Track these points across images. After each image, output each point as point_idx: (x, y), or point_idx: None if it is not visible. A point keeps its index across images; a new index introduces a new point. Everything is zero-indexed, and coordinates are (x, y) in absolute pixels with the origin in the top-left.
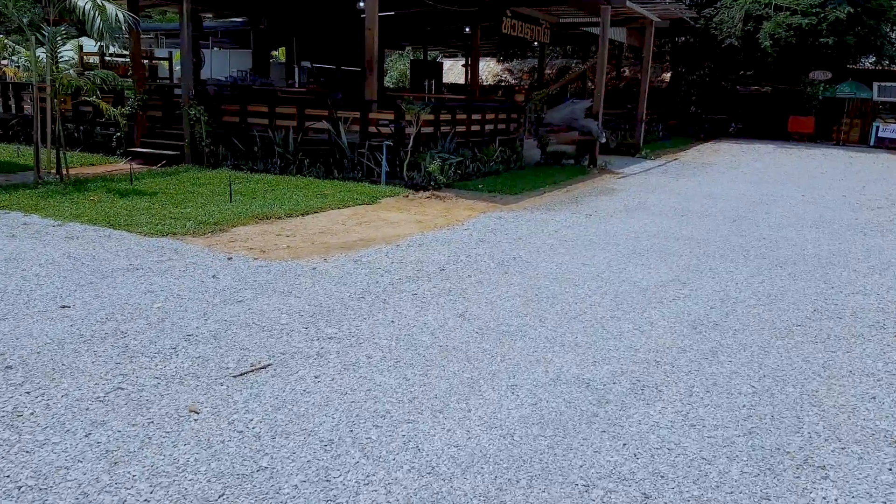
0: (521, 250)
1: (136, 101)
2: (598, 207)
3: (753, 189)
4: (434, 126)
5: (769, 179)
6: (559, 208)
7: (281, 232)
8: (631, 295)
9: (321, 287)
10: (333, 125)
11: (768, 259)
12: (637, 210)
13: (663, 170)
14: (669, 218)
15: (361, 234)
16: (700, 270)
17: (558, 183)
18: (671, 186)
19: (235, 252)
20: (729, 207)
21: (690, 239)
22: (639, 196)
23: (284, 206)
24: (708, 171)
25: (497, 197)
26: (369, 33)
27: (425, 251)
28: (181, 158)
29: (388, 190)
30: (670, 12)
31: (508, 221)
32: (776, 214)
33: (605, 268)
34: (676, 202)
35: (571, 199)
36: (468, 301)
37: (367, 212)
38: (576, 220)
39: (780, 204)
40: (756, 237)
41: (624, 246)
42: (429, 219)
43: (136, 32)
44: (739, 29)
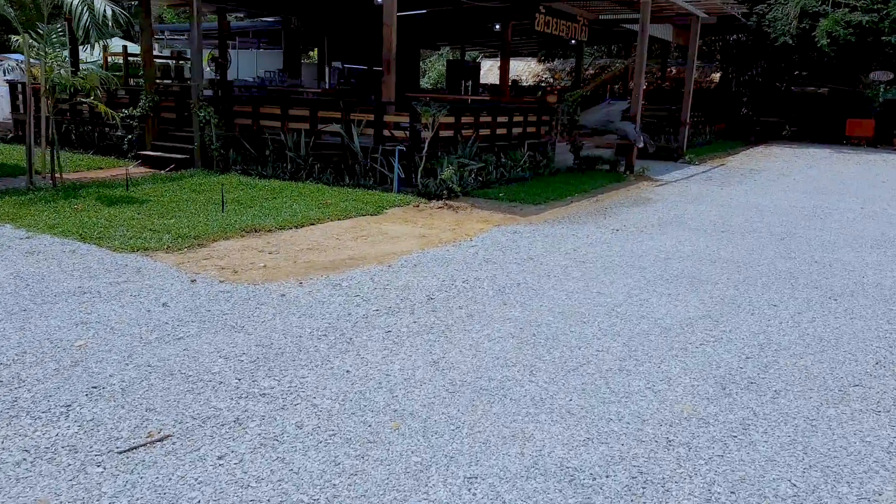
0: (529, 274)
1: (147, 102)
2: (627, 221)
3: (805, 200)
4: (454, 129)
5: (823, 189)
6: (583, 221)
7: (265, 247)
8: (649, 337)
9: (281, 320)
10: (346, 128)
11: (820, 289)
12: (671, 224)
13: (707, 177)
14: (707, 235)
15: (354, 250)
16: (737, 304)
17: (588, 191)
18: (713, 196)
19: (204, 272)
20: (777, 222)
21: (729, 262)
22: (676, 207)
23: (279, 216)
24: (756, 178)
25: (517, 207)
26: (387, 30)
27: (418, 273)
28: (190, 162)
29: (398, 199)
30: (718, 8)
31: (523, 237)
32: (831, 231)
33: (624, 299)
34: (717, 215)
35: (599, 210)
36: (449, 342)
37: (368, 224)
38: (600, 235)
39: (836, 218)
40: (806, 260)
41: (650, 270)
42: (435, 233)
43: (148, 31)
44: (794, 26)
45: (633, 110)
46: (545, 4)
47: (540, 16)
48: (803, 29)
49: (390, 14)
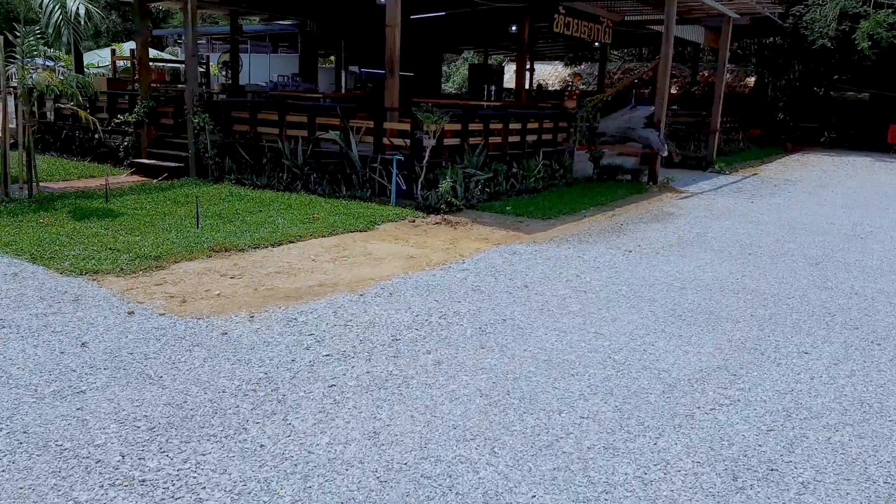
0: (520, 307)
1: (142, 108)
2: (643, 240)
3: (845, 216)
4: (461, 137)
5: (864, 202)
6: (594, 240)
7: (229, 270)
8: (648, 398)
9: (210, 368)
10: (344, 136)
11: (861, 330)
12: (693, 245)
13: (737, 188)
14: (732, 258)
15: (328, 275)
16: (761, 350)
17: (605, 204)
18: (742, 211)
19: (149, 301)
20: (812, 243)
21: (755, 293)
22: (699, 224)
23: (257, 233)
24: (791, 190)
25: (523, 223)
26: (390, 31)
27: (391, 305)
28: (185, 171)
29: (393, 212)
30: (751, 8)
31: (523, 259)
32: (873, 254)
33: (625, 342)
34: (745, 233)
35: (614, 226)
36: (402, 403)
37: (354, 242)
38: (609, 258)
39: (879, 238)
40: (845, 291)
41: (661, 303)
42: (426, 253)
43: (144, 34)
44: (833, 28)
45: (657, 117)
46: (565, 4)
47: (559, 16)
48: (843, 31)
49: (393, 14)
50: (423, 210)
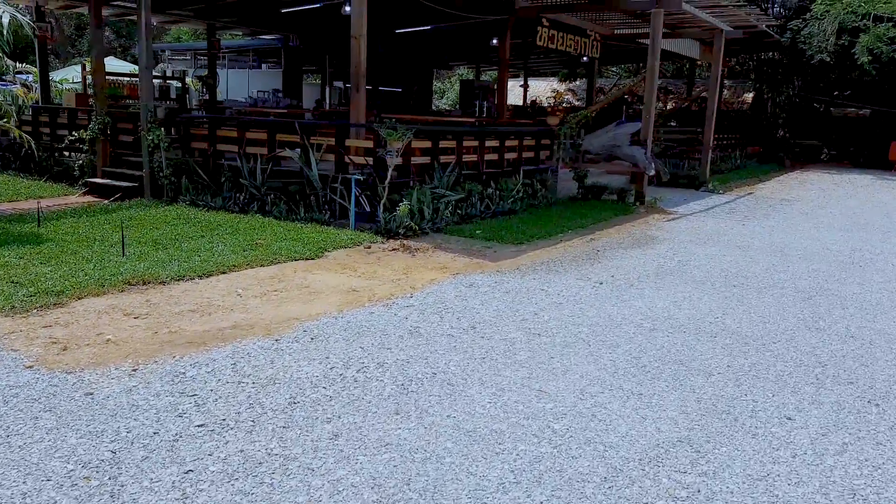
0: (460, 355)
1: (97, 124)
2: (619, 269)
3: (843, 239)
4: (432, 155)
5: (864, 224)
6: (565, 269)
7: (136, 309)
8: (584, 489)
9: (48, 444)
10: (304, 154)
11: (856, 386)
12: (672, 275)
13: (730, 209)
14: (714, 291)
15: (249, 313)
16: (734, 415)
17: (585, 227)
18: (732, 234)
19: (26, 348)
20: (805, 272)
21: (735, 336)
22: (683, 250)
23: (189, 262)
24: (786, 210)
25: (490, 248)
26: (355, 43)
27: (306, 354)
28: (139, 191)
29: (349, 237)
30: (744, 20)
31: (479, 292)
32: (872, 286)
33: (572, 404)
34: (732, 261)
35: (590, 253)
36: (268, 499)
37: (294, 272)
38: (577, 291)
39: (879, 266)
40: (839, 333)
41: (625, 349)
42: (372, 285)
43: (98, 46)
44: (832, 43)
45: (643, 134)
46: (549, 17)
47: (542, 29)
48: (842, 46)
49: (359, 25)
50: (382, 234)
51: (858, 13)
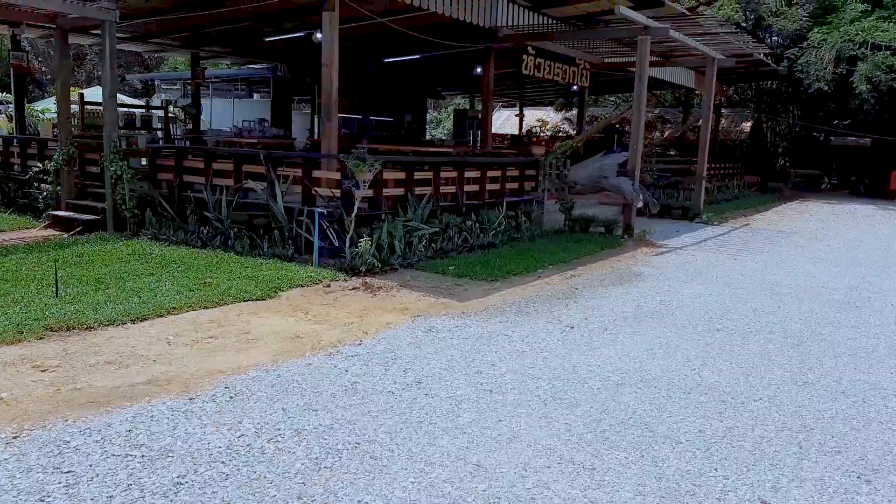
0: (393, 418)
1: (61, 154)
2: (595, 310)
3: (839, 276)
4: (406, 186)
5: (863, 259)
6: (536, 310)
7: (49, 360)
8: None
9: None
10: (270, 186)
11: (845, 456)
12: (653, 316)
13: (722, 241)
14: (695, 335)
15: (172, 365)
16: (699, 497)
17: (567, 261)
18: (722, 270)
19: None
20: (796, 314)
21: (712, 392)
22: (667, 288)
23: (126, 304)
24: (782, 243)
25: (462, 286)
26: (326, 71)
27: (218, 418)
28: (102, 224)
29: (309, 275)
30: (737, 48)
31: (437, 338)
32: (868, 330)
33: (511, 482)
34: (718, 301)
35: (567, 291)
36: None
37: (239, 316)
38: (544, 337)
39: (877, 307)
40: (830, 389)
41: (585, 409)
42: (320, 330)
43: (64, 72)
44: (829, 72)
45: (631, 164)
46: (534, 45)
47: (528, 57)
48: (840, 75)
49: (330, 53)
50: (347, 271)
51: (856, 41)
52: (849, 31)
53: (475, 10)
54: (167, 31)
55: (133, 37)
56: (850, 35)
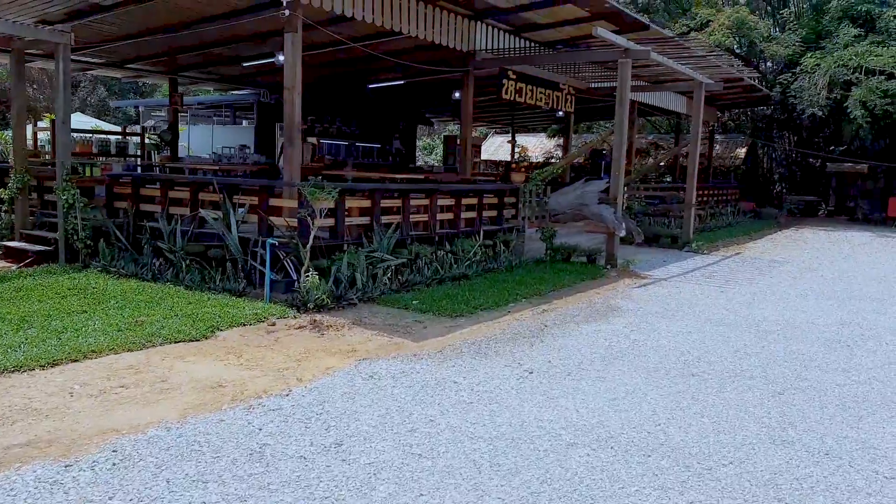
0: (295, 493)
1: (16, 183)
2: (562, 350)
3: (831, 310)
4: (371, 215)
5: (858, 291)
6: (497, 350)
7: None
8: None
9: None
10: (225, 215)
11: None
12: (623, 358)
13: (711, 272)
14: (667, 381)
15: (65, 421)
16: None
17: (543, 294)
18: (706, 304)
19: None
20: (781, 355)
21: (676, 453)
22: (645, 325)
23: (40, 347)
24: (773, 274)
25: (422, 323)
26: (288, 95)
27: (81, 494)
28: (54, 255)
29: (255, 312)
30: (725, 72)
31: (377, 386)
32: (860, 374)
33: None
34: (697, 341)
35: (536, 328)
36: None
37: (163, 360)
38: (499, 384)
39: (870, 345)
40: (812, 449)
41: (523, 478)
42: (247, 377)
43: (20, 101)
44: (823, 97)
45: (613, 191)
46: (515, 69)
47: (509, 82)
48: (834, 100)
49: (292, 76)
50: (299, 307)
51: (850, 66)
52: (842, 56)
53: (452, 33)
54: (143, 56)
55: (108, 62)
56: (844, 60)
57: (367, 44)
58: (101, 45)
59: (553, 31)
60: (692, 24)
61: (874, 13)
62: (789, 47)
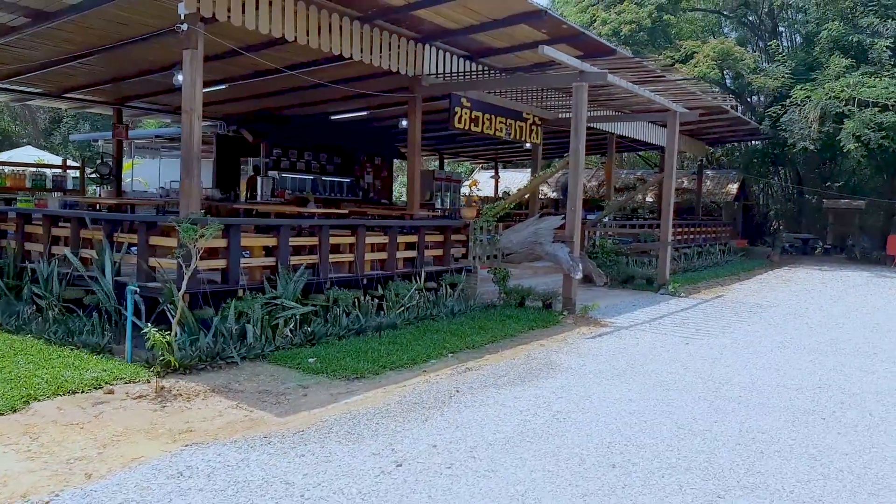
0: None
1: None
2: (457, 429)
3: (810, 367)
4: (277, 256)
5: (846, 342)
6: (374, 431)
7: None
8: None
9: None
10: (99, 255)
11: None
12: (532, 441)
13: (682, 319)
14: (575, 477)
15: None
16: None
17: (477, 346)
18: (664, 360)
19: None
20: (735, 432)
21: None
22: (578, 390)
23: None
24: (753, 321)
25: (303, 389)
26: (186, 118)
27: None
28: None
29: (96, 375)
30: (700, 100)
31: (181, 489)
32: (832, 462)
33: None
34: (636, 410)
35: (444, 395)
36: None
37: None
38: (347, 484)
39: (850, 418)
40: None
41: None
42: (22, 472)
43: None
44: (815, 130)
45: (569, 229)
46: (470, 95)
47: (462, 110)
48: (827, 133)
49: (191, 97)
50: (162, 367)
51: (842, 98)
52: (833, 87)
53: (396, 57)
54: (83, 85)
55: (46, 92)
56: (836, 92)
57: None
58: (28, 72)
59: (513, 56)
60: (677, 55)
61: (866, 43)
62: (778, 79)
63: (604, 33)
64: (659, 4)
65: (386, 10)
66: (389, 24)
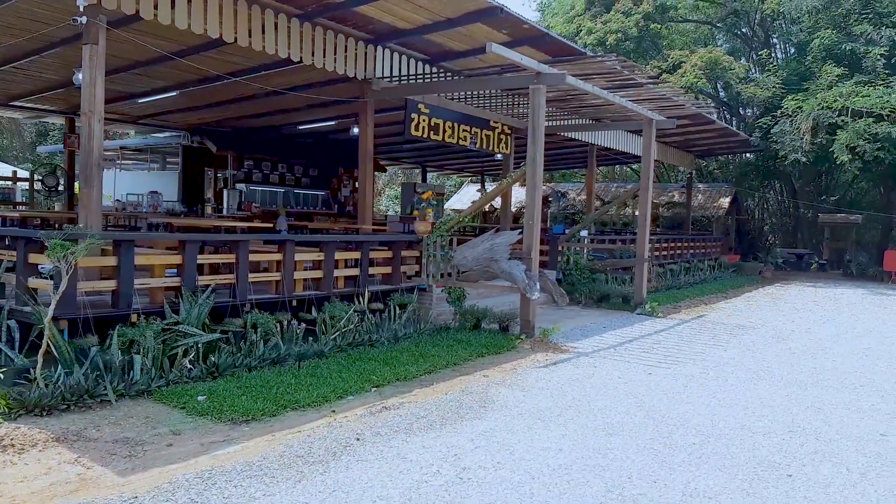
0: None
1: None
2: (334, 492)
3: (784, 404)
4: (182, 275)
5: (830, 371)
6: (230, 495)
7: None
8: None
9: None
10: None
11: None
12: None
13: (652, 343)
14: None
15: None
16: None
17: (411, 377)
18: (617, 395)
19: None
20: (676, 498)
21: None
22: (503, 435)
23: None
24: (731, 345)
25: (174, 436)
26: (86, 119)
27: None
28: None
29: None
30: (680, 108)
31: None
32: None
33: None
34: (563, 465)
35: (338, 445)
36: None
37: None
38: None
39: (822, 474)
40: None
41: None
42: None
43: None
44: (807, 141)
45: (526, 243)
46: (428, 102)
47: (420, 116)
48: (820, 144)
49: (90, 98)
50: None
51: (835, 108)
52: (826, 97)
53: (343, 59)
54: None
55: None
56: (829, 101)
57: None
58: None
59: (474, 59)
60: (664, 65)
61: (859, 52)
62: (769, 89)
63: (589, 43)
64: (646, 14)
65: (326, 6)
66: (334, 22)
